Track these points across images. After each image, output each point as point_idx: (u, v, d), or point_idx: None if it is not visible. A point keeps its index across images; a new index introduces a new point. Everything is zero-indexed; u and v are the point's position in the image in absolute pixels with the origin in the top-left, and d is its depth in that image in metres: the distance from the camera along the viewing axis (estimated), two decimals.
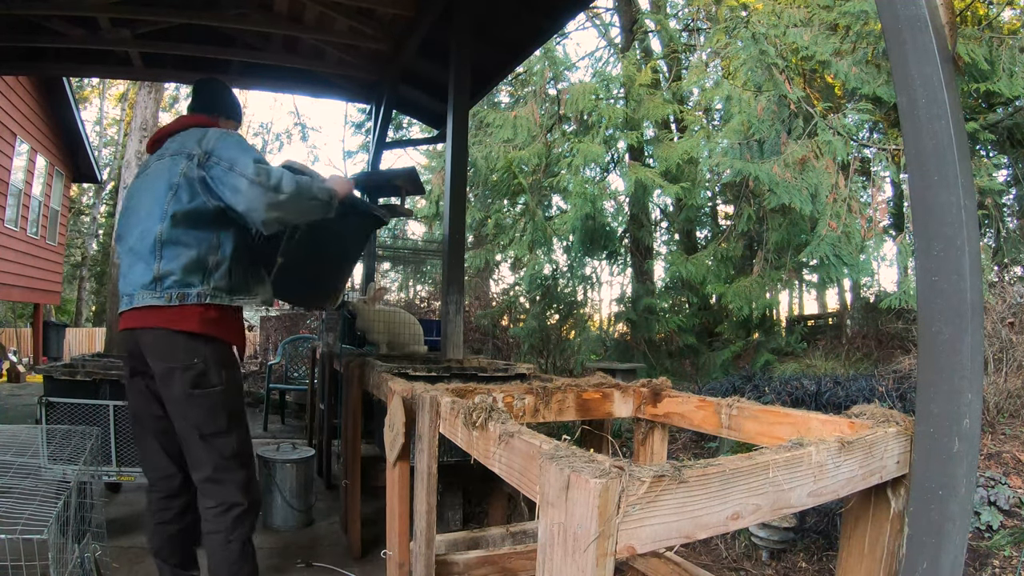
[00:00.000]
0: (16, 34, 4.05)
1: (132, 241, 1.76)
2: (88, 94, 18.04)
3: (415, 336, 3.58)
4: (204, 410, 1.72)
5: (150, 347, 1.73)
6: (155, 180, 1.78)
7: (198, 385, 1.71)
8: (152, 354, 1.73)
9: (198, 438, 1.72)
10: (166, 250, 1.70)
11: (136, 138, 10.21)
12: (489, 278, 10.70)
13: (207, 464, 1.74)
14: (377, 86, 4.94)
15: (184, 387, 1.70)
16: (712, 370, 6.18)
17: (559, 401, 1.59)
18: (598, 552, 0.71)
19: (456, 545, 1.78)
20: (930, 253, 0.97)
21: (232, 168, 1.70)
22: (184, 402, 1.71)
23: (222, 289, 1.77)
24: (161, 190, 1.73)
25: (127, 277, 1.76)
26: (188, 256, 1.72)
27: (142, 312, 1.72)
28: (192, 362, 1.70)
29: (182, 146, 1.79)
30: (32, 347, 11.00)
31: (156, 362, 1.72)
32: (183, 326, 1.70)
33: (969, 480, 0.98)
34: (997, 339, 3.65)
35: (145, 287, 1.71)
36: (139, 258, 1.73)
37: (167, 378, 1.71)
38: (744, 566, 2.76)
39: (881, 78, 4.92)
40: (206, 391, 1.72)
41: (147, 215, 1.74)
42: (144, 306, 1.71)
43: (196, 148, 1.75)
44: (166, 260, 1.70)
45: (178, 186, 1.72)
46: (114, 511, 3.00)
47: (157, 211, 1.72)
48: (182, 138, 1.83)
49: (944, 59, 0.96)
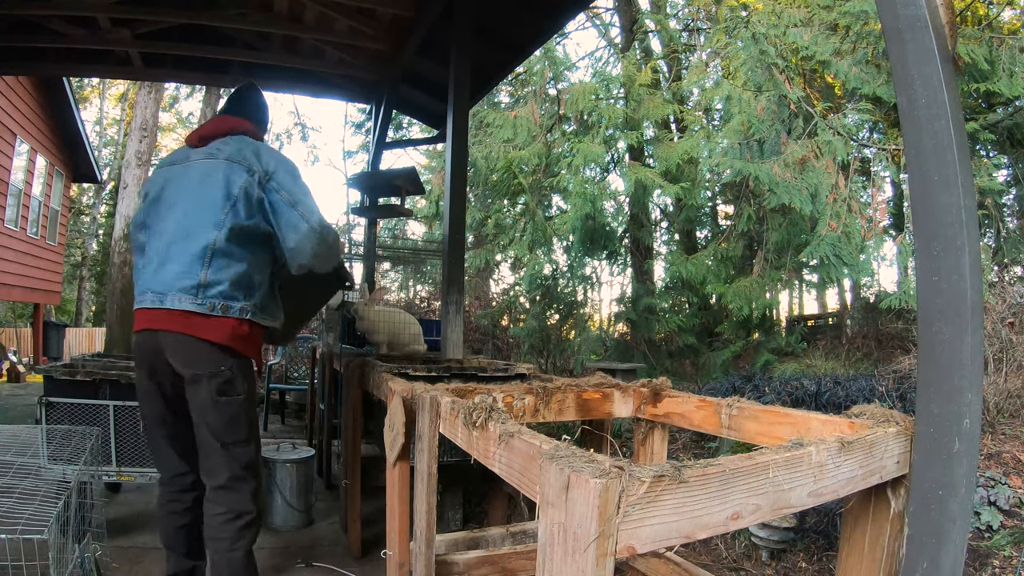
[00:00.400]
0: (16, 34, 4.05)
1: (169, 237, 1.73)
2: (88, 94, 18.04)
3: (415, 336, 3.58)
4: (228, 418, 1.73)
5: (176, 351, 1.71)
6: (206, 181, 1.76)
7: (225, 392, 1.72)
8: (177, 358, 1.72)
9: (219, 446, 1.73)
10: (216, 260, 1.70)
11: (136, 138, 10.21)
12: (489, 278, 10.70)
13: (224, 472, 1.74)
14: (377, 86, 4.94)
15: (211, 394, 1.70)
16: (712, 370, 6.18)
17: (559, 401, 1.59)
18: (598, 552, 0.71)
19: (456, 545, 1.78)
20: (930, 253, 0.97)
21: (295, 206, 1.75)
22: (210, 408, 1.71)
23: (259, 308, 1.80)
24: (216, 196, 1.73)
25: (158, 274, 1.72)
26: (237, 270, 1.73)
27: (173, 315, 1.69)
28: (219, 370, 1.71)
29: (239, 154, 1.79)
30: (32, 347, 11.00)
31: (183, 367, 1.72)
32: (214, 337, 1.70)
33: (969, 480, 0.98)
34: (997, 339, 3.65)
35: (185, 291, 1.68)
36: (177, 260, 1.70)
37: (194, 383, 1.71)
38: (744, 566, 2.76)
39: (881, 78, 4.92)
40: (231, 399, 1.73)
41: (196, 217, 1.72)
42: (179, 309, 1.68)
43: (256, 163, 1.78)
44: (214, 270, 1.70)
45: (237, 199, 1.73)
46: (114, 511, 3.00)
47: (210, 217, 1.71)
48: (237, 144, 1.83)
49: (944, 59, 0.96)
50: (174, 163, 1.87)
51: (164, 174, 1.85)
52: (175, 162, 1.87)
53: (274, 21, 4.02)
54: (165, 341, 1.71)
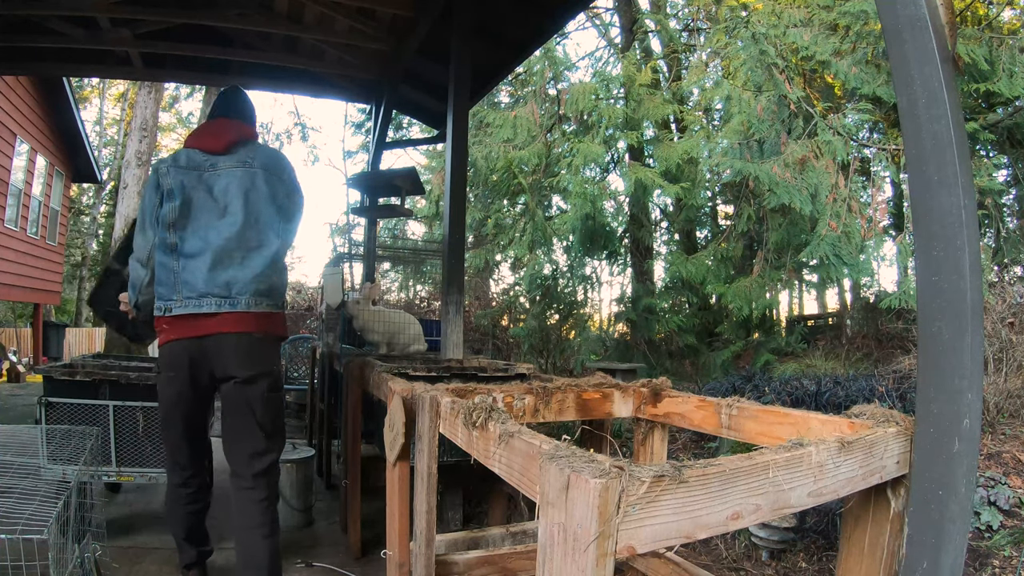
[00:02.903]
0: (16, 34, 4.05)
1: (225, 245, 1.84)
2: (88, 94, 18.04)
3: (415, 336, 3.58)
4: (274, 409, 1.94)
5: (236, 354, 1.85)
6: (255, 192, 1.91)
7: (275, 389, 1.94)
8: (245, 358, 1.86)
9: (264, 436, 1.91)
10: (276, 264, 1.95)
11: (136, 138, 10.21)
12: (489, 278, 10.70)
13: (267, 459, 1.92)
14: (377, 86, 4.94)
15: (264, 391, 1.90)
16: (712, 370, 6.18)
17: (559, 401, 1.59)
18: (598, 552, 0.71)
19: (456, 545, 1.78)
20: (930, 253, 0.97)
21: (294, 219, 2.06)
22: (260, 404, 1.89)
23: None
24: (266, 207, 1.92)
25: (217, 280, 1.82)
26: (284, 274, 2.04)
27: (247, 317, 1.85)
28: (274, 368, 1.96)
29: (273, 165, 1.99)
30: (32, 347, 11.00)
31: (241, 368, 1.86)
32: (278, 330, 1.97)
33: (969, 480, 0.98)
34: (997, 339, 3.65)
35: (261, 294, 1.89)
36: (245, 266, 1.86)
37: (251, 381, 1.87)
38: (744, 566, 2.76)
39: (881, 78, 4.92)
40: (277, 394, 1.96)
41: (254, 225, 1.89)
42: (256, 312, 1.87)
43: (288, 178, 2.02)
44: (277, 273, 1.96)
45: (281, 208, 1.97)
46: (114, 511, 3.00)
47: (272, 226, 1.94)
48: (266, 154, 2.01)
49: (944, 59, 0.96)
50: (199, 167, 1.90)
51: (189, 176, 1.89)
52: (199, 166, 1.90)
53: (274, 21, 4.02)
54: (222, 346, 1.84)
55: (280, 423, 2.00)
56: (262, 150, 2.01)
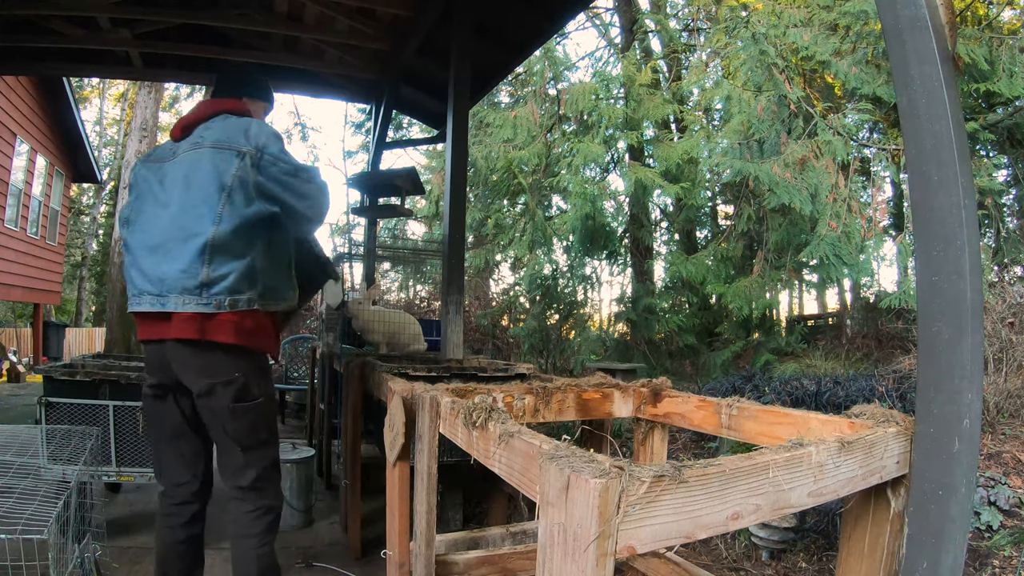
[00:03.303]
0: (16, 34, 4.05)
1: (164, 236, 1.62)
2: (88, 94, 18.05)
3: (414, 336, 3.58)
4: (247, 423, 1.68)
5: (185, 364, 1.64)
6: (193, 172, 1.65)
7: (241, 399, 1.65)
8: (187, 371, 1.64)
9: (241, 451, 1.69)
10: (217, 255, 1.59)
11: (136, 138, 10.21)
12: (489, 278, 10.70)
13: (250, 473, 1.71)
14: (377, 86, 4.94)
15: (227, 401, 1.64)
16: (712, 370, 6.18)
17: (559, 401, 1.59)
18: (598, 552, 0.71)
19: (456, 545, 1.78)
20: (930, 253, 0.97)
21: (297, 174, 1.70)
22: (228, 416, 1.65)
23: (268, 291, 1.71)
24: (206, 188, 1.61)
25: (154, 275, 1.61)
26: (242, 264, 1.63)
27: (178, 320, 1.60)
28: (233, 376, 1.64)
29: (227, 139, 1.67)
30: (32, 347, 11.00)
31: (195, 378, 1.64)
32: (223, 337, 1.61)
33: (969, 480, 0.98)
34: (997, 339, 3.65)
35: (188, 291, 1.58)
36: (175, 258, 1.59)
37: (208, 393, 1.64)
38: (744, 566, 2.76)
39: (881, 78, 4.92)
40: (248, 404, 1.67)
41: (189, 211, 1.61)
42: (184, 312, 1.59)
43: (245, 144, 1.65)
44: (216, 265, 1.59)
45: (232, 189, 1.61)
46: (114, 511, 3.00)
47: (206, 212, 1.60)
48: (222, 127, 1.71)
49: (944, 59, 0.96)
50: (161, 159, 1.75)
51: (149, 169, 1.75)
52: (162, 158, 1.76)
53: (274, 21, 4.02)
54: (173, 354, 1.64)
55: (261, 436, 1.72)
56: (219, 124, 1.73)
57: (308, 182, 1.72)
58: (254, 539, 1.70)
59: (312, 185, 1.72)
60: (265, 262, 1.71)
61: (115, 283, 9.97)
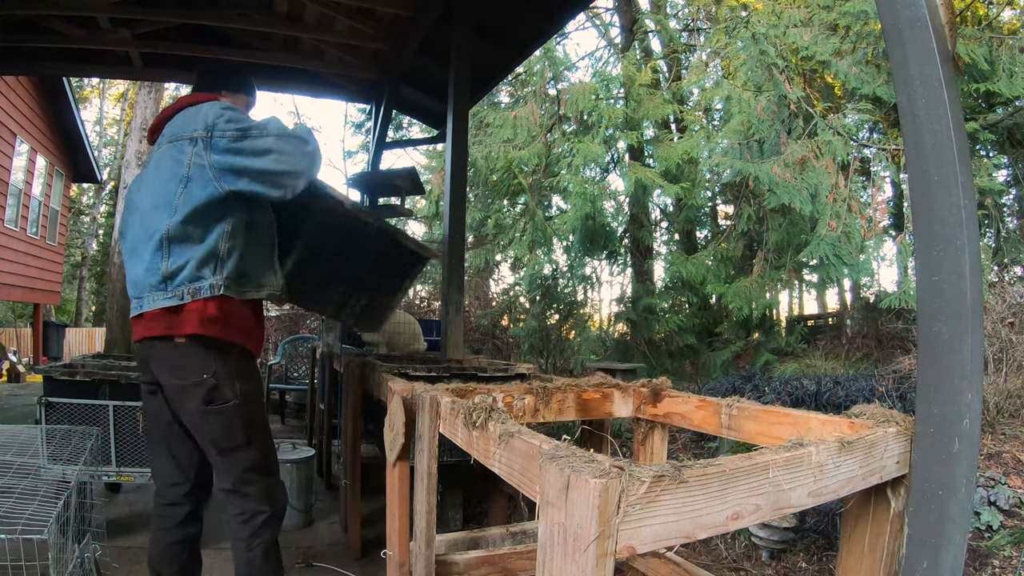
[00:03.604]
0: (16, 34, 4.05)
1: (133, 240, 1.64)
2: (88, 94, 18.05)
3: (414, 335, 3.58)
4: (220, 426, 1.62)
5: (159, 361, 1.62)
6: (156, 173, 1.64)
7: (211, 401, 1.60)
8: (160, 369, 1.63)
9: (216, 453, 1.66)
10: (174, 247, 1.56)
11: (136, 138, 10.20)
12: (489, 278, 10.69)
13: (228, 477, 1.67)
14: (377, 86, 4.94)
15: (197, 404, 1.59)
16: (712, 370, 6.18)
17: (559, 401, 1.59)
18: (598, 552, 0.71)
19: (456, 545, 1.78)
20: (930, 253, 0.97)
21: (247, 133, 1.57)
22: (199, 418, 1.62)
23: (232, 279, 1.61)
24: (166, 183, 1.59)
25: (130, 279, 1.64)
26: (199, 250, 1.57)
27: (148, 318, 1.59)
28: (202, 378, 1.58)
29: (180, 129, 1.63)
30: (32, 347, 11.00)
31: (165, 378, 1.63)
32: (189, 328, 1.56)
33: (969, 480, 0.98)
34: (997, 339, 3.65)
35: (154, 288, 1.57)
36: (141, 258, 1.59)
37: (179, 394, 1.62)
38: (744, 566, 2.76)
39: (881, 78, 4.92)
40: (220, 407, 1.61)
41: (152, 211, 1.59)
42: (154, 310, 1.58)
43: (198, 129, 1.59)
44: (175, 258, 1.56)
45: (188, 178, 1.56)
46: (114, 511, 3.00)
47: (164, 206, 1.57)
48: (180, 120, 1.66)
49: (944, 59, 0.96)
50: (144, 168, 1.75)
51: (134, 181, 1.76)
52: (144, 166, 1.75)
53: (274, 21, 4.02)
54: (148, 352, 1.63)
55: (238, 439, 1.64)
56: (179, 117, 1.67)
57: (261, 136, 1.57)
58: (242, 542, 1.68)
59: (268, 138, 1.57)
60: (232, 246, 1.62)
61: (115, 283, 9.97)
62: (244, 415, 1.66)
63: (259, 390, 1.77)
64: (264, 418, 1.81)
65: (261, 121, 1.63)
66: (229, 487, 1.68)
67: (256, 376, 1.76)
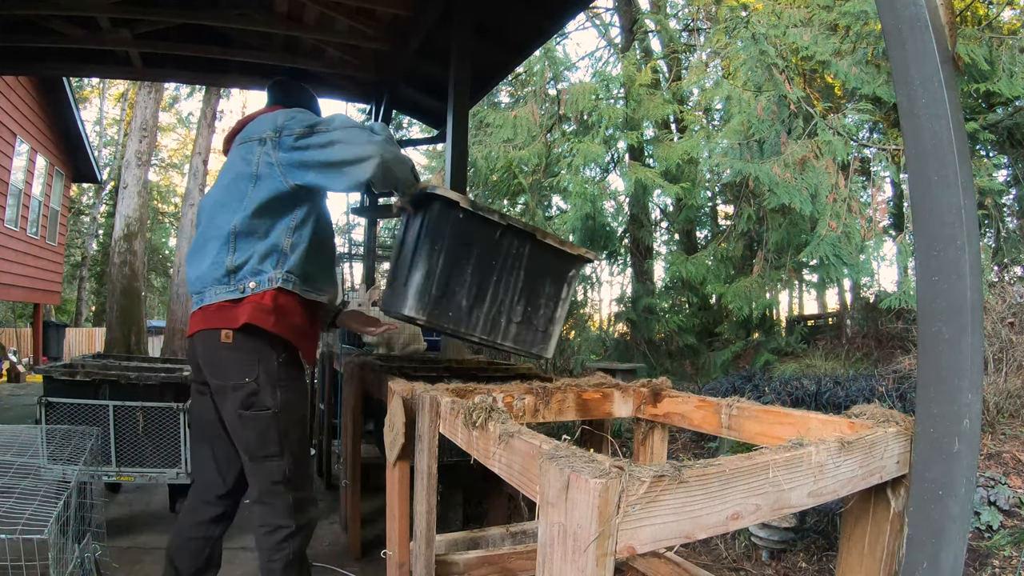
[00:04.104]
0: (16, 34, 4.05)
1: (200, 240, 1.68)
2: (88, 94, 18.04)
3: (414, 335, 3.58)
4: (255, 433, 1.61)
5: (205, 359, 1.64)
6: (225, 175, 1.71)
7: (250, 406, 1.59)
8: (205, 366, 1.64)
9: (248, 460, 1.65)
10: (240, 241, 1.60)
11: (136, 138, 10.21)
12: None
13: (255, 486, 1.66)
14: (377, 86, 4.94)
15: (235, 407, 1.59)
16: (712, 370, 6.18)
17: (559, 401, 1.59)
18: (598, 552, 0.71)
19: (456, 545, 1.78)
20: (930, 253, 0.97)
21: (314, 128, 1.60)
22: (236, 421, 1.61)
23: (295, 274, 1.63)
24: (234, 182, 1.65)
25: (192, 277, 1.68)
26: (263, 244, 1.61)
27: (208, 311, 1.61)
28: (243, 381, 1.58)
29: (251, 133, 1.69)
30: (32, 347, 11.00)
31: (210, 376, 1.64)
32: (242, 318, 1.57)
33: (969, 480, 0.98)
34: (997, 339, 3.65)
35: (217, 281, 1.61)
36: (207, 255, 1.63)
37: (220, 394, 1.63)
38: (744, 566, 2.76)
39: (881, 78, 4.93)
40: (257, 413, 1.59)
41: (219, 209, 1.65)
42: (214, 304, 1.60)
43: (267, 130, 1.64)
44: (240, 252, 1.59)
45: (257, 176, 1.62)
46: (114, 511, 3.00)
47: (232, 203, 1.62)
48: (252, 126, 1.73)
49: (944, 59, 0.96)
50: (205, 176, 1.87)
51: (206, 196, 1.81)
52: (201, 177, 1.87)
53: (274, 21, 4.02)
54: (198, 347, 1.65)
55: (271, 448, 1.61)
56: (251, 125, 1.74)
57: (327, 130, 1.60)
58: (264, 552, 1.66)
59: (333, 132, 1.59)
60: (295, 242, 1.65)
61: (115, 283, 9.98)
62: (281, 425, 1.63)
63: (302, 402, 1.74)
64: (304, 432, 1.77)
65: (327, 117, 1.68)
66: (256, 496, 1.67)
67: (301, 387, 1.73)
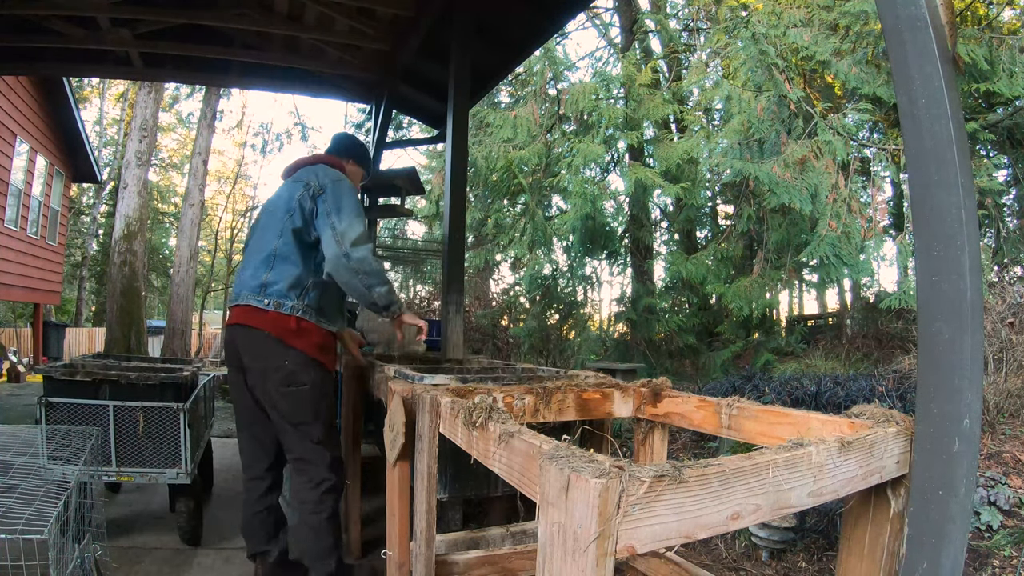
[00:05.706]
0: (16, 34, 4.05)
1: (250, 251, 2.10)
2: (88, 94, 18.03)
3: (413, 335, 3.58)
4: (293, 404, 1.97)
5: (246, 346, 1.99)
6: (277, 201, 2.12)
7: (289, 383, 1.95)
8: (246, 352, 1.99)
9: (289, 426, 1.98)
10: (277, 263, 2.00)
11: (136, 138, 10.21)
12: (489, 278, 10.69)
13: (298, 447, 2.00)
14: (377, 86, 4.94)
15: (276, 385, 1.95)
16: (712, 370, 6.18)
17: (559, 401, 1.59)
18: (598, 552, 0.71)
19: (456, 545, 1.78)
20: (930, 253, 0.97)
21: (330, 214, 1.99)
22: (277, 397, 1.96)
23: (313, 309, 2.02)
24: (281, 211, 2.05)
25: (240, 278, 2.08)
26: (293, 273, 2.00)
27: (242, 310, 2.00)
28: (282, 363, 1.95)
29: (305, 175, 2.12)
30: (32, 347, 11.00)
31: (250, 360, 1.98)
32: (268, 328, 1.95)
33: (969, 480, 0.98)
34: (997, 339, 3.65)
35: (252, 290, 2.00)
36: (253, 264, 2.03)
37: (261, 375, 1.96)
38: (744, 566, 2.76)
39: (881, 78, 4.93)
40: (296, 389, 1.97)
41: (267, 229, 2.06)
42: (246, 305, 1.99)
43: (315, 180, 2.06)
44: (275, 272, 1.99)
45: (294, 210, 2.02)
46: (114, 511, 3.00)
47: (276, 227, 2.03)
48: (311, 169, 2.15)
49: (944, 59, 0.96)
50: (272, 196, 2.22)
51: (264, 205, 2.23)
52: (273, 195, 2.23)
53: (274, 21, 4.02)
54: (241, 337, 2.00)
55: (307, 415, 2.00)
56: (312, 168, 2.16)
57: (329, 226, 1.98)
58: (308, 505, 1.96)
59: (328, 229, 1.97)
60: (315, 283, 2.03)
61: (115, 283, 9.97)
62: (314, 399, 2.01)
63: (330, 381, 2.12)
64: (332, 404, 2.15)
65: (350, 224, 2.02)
66: (299, 455, 2.01)
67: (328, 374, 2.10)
